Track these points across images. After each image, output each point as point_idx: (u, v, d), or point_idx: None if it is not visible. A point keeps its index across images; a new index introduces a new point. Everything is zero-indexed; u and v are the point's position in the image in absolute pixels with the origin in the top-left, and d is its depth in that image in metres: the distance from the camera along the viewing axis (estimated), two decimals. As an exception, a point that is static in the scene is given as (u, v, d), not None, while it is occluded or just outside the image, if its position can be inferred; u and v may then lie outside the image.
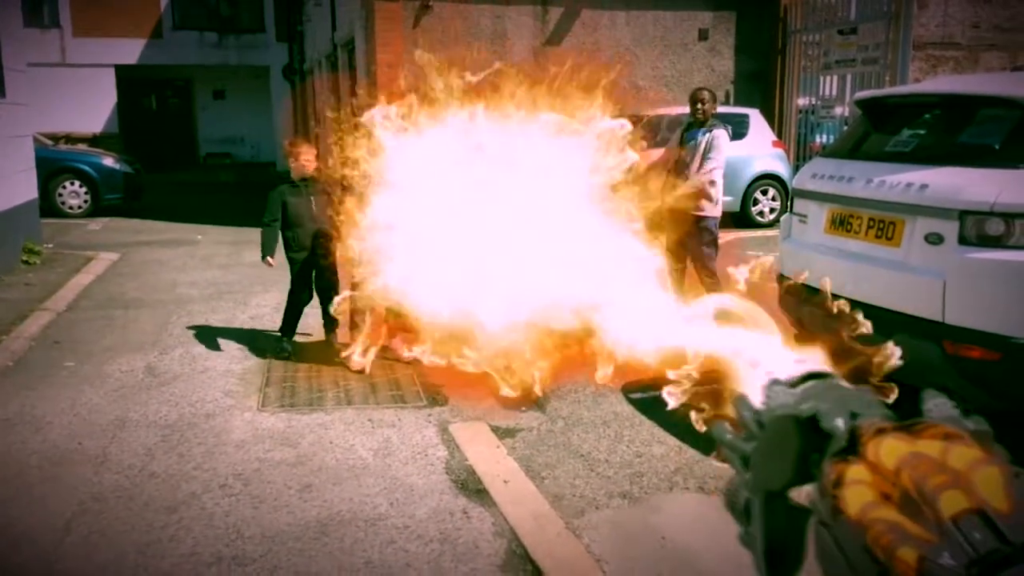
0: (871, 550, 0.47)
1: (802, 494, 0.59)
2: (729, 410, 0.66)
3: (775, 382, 0.63)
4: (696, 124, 6.76)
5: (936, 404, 0.55)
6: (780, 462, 0.57)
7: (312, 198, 6.38)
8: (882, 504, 0.49)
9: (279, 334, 6.70)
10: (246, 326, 7.52)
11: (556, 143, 1.06)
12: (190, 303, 8.45)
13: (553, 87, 1.12)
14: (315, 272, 6.55)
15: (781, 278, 5.41)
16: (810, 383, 0.63)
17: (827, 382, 0.63)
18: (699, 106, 6.71)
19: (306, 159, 6.42)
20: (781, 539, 0.59)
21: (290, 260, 6.57)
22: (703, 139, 6.63)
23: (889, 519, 0.47)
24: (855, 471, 0.51)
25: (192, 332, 7.30)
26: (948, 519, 0.45)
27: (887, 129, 5.13)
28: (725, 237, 8.39)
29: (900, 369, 0.79)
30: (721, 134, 6.64)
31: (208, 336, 7.15)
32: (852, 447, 0.53)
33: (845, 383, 0.63)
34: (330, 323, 6.60)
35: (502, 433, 4.93)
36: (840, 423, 0.55)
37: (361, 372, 6.00)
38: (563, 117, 1.08)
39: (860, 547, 0.49)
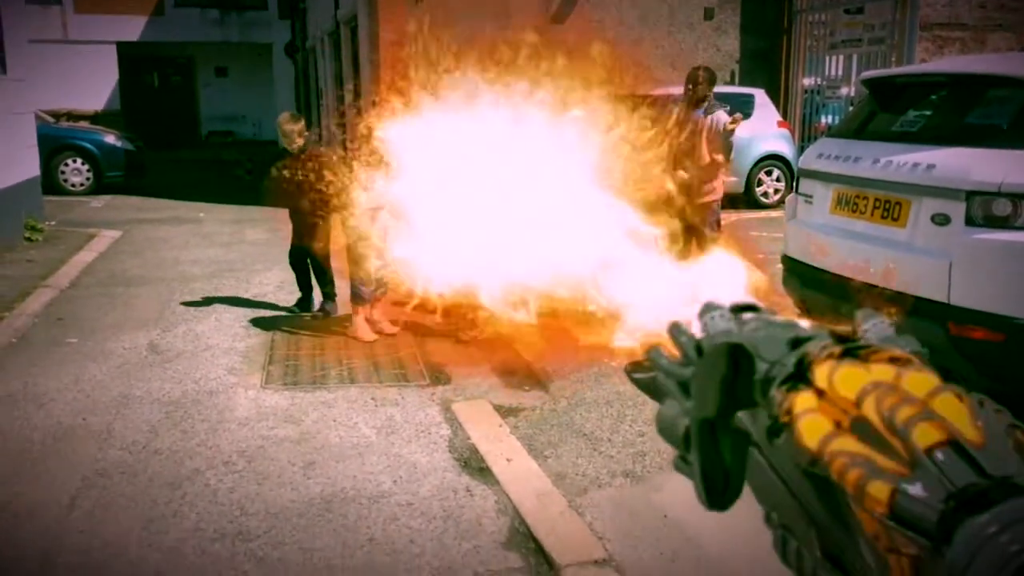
0: (839, 485, 0.46)
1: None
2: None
3: (709, 306, 0.62)
4: (689, 104, 6.64)
5: (873, 324, 0.54)
6: (717, 388, 0.56)
7: (296, 172, 6.42)
8: (840, 434, 0.47)
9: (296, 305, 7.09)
10: (249, 304, 7.52)
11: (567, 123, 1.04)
12: (193, 281, 8.45)
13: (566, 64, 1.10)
14: (306, 248, 6.75)
15: (785, 259, 5.40)
16: (746, 314, 0.61)
17: (761, 314, 0.61)
18: (691, 86, 6.62)
19: (289, 134, 6.45)
20: (720, 466, 0.58)
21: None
22: (703, 121, 6.52)
23: (853, 451, 0.46)
24: (804, 399, 0.50)
25: (195, 309, 7.30)
26: (923, 451, 0.44)
27: (894, 109, 5.09)
28: (728, 218, 8.35)
29: None
30: (721, 116, 6.54)
31: (211, 313, 7.15)
32: (799, 374, 0.52)
33: (779, 317, 0.61)
34: (328, 296, 6.84)
35: (505, 412, 4.94)
36: (782, 350, 0.54)
37: (370, 342, 6.12)
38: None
39: (795, 468, 0.49)
